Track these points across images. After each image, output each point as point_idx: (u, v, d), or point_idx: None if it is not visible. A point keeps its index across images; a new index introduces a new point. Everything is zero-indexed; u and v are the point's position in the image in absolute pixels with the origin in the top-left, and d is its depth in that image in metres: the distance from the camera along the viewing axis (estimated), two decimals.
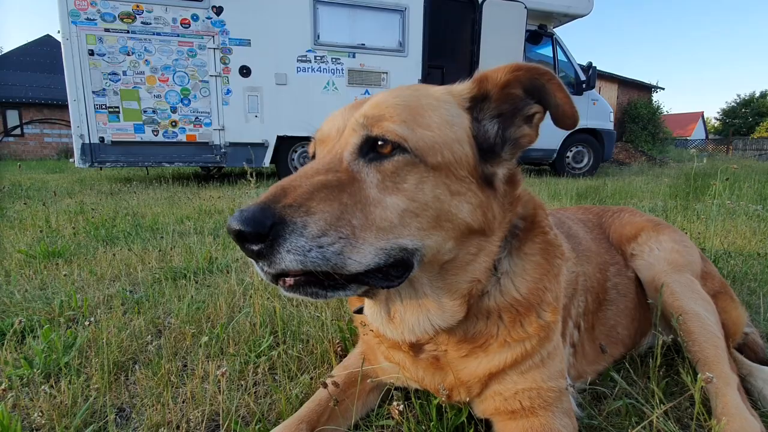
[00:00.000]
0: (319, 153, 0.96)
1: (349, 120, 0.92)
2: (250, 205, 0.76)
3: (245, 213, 0.74)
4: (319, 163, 0.88)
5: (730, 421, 1.13)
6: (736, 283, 2.22)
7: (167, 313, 2.00)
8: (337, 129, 0.93)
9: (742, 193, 5.34)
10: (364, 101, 0.97)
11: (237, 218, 0.74)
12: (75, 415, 1.23)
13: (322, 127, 0.99)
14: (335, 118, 0.97)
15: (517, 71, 0.94)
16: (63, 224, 3.85)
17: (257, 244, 0.75)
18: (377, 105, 0.90)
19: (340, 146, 0.90)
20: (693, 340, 1.28)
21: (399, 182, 0.85)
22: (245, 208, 0.75)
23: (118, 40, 6.98)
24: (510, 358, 1.01)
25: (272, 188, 0.81)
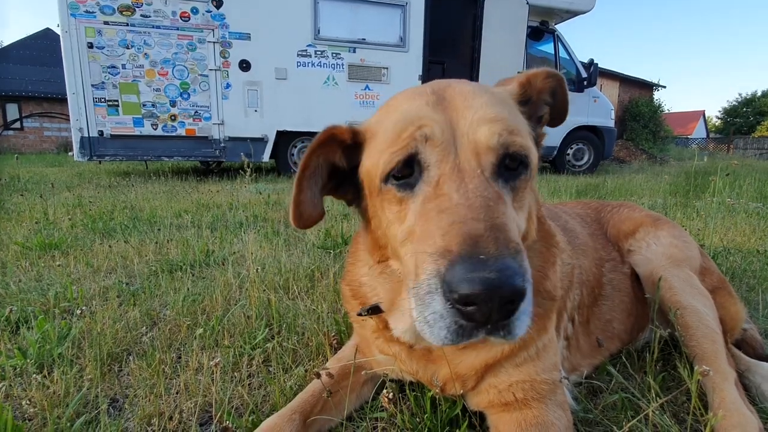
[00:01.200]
0: (434, 161, 0.79)
1: (459, 126, 0.81)
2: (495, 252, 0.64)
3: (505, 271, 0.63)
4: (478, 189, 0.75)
5: (726, 416, 1.12)
6: (735, 280, 2.21)
7: (163, 305, 1.99)
8: (442, 131, 0.80)
9: (743, 191, 5.33)
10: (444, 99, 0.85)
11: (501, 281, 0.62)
12: (67, 405, 1.22)
13: (429, 125, 0.80)
14: (434, 118, 0.81)
15: (551, 78, 0.99)
16: (61, 217, 3.83)
17: (517, 304, 0.65)
18: (500, 118, 0.81)
19: (473, 163, 0.78)
20: (690, 334, 1.27)
21: (521, 199, 0.85)
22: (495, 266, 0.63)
23: (117, 33, 6.95)
24: (508, 348, 1.01)
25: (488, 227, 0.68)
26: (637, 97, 23.05)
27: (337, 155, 0.98)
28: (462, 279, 0.63)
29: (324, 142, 0.95)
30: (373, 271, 1.04)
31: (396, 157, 0.81)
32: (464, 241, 0.67)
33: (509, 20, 8.68)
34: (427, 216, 0.76)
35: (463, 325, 0.67)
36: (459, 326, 0.67)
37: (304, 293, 2.06)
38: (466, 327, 0.67)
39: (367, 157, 0.92)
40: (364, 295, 1.13)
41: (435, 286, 0.68)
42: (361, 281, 1.14)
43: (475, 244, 0.66)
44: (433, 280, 0.68)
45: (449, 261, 0.66)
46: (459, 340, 0.69)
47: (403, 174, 0.82)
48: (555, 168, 10.22)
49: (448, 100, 0.85)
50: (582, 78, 9.71)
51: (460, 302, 0.64)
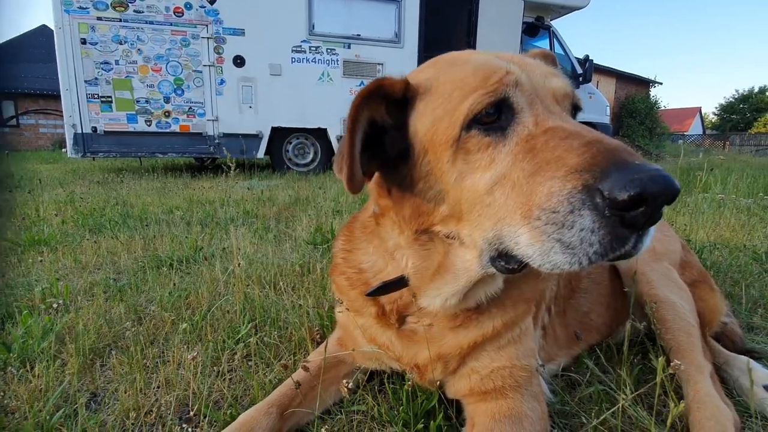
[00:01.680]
0: (523, 101, 0.81)
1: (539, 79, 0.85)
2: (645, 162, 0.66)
3: (661, 171, 0.64)
4: (571, 123, 0.80)
5: (700, 408, 1.13)
6: (720, 274, 2.23)
7: (149, 301, 1.99)
8: (532, 82, 0.83)
9: (736, 187, 5.35)
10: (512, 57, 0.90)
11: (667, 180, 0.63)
12: (48, 399, 1.23)
13: (514, 71, 0.82)
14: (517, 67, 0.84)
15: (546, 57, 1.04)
16: (51, 213, 3.82)
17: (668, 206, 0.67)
18: (557, 73, 0.91)
19: (555, 107, 0.83)
20: (666, 328, 1.28)
21: None
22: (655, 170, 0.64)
23: (110, 28, 6.90)
24: (500, 323, 1.02)
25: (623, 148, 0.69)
26: (634, 93, 23.06)
27: (383, 111, 0.92)
28: (629, 180, 0.62)
29: (372, 93, 0.88)
30: (401, 246, 0.98)
31: (487, 99, 0.79)
32: (611, 153, 0.67)
33: (504, 16, 8.66)
34: (542, 148, 0.74)
35: (619, 233, 0.65)
36: (614, 236, 0.65)
37: (290, 288, 2.07)
38: (621, 236, 0.65)
39: (426, 112, 0.87)
40: (366, 281, 1.10)
41: (582, 201, 0.65)
42: (362, 267, 1.11)
43: (622, 153, 0.66)
44: (578, 196, 0.66)
45: (601, 171, 0.65)
46: (609, 253, 0.67)
47: (490, 119, 0.80)
48: None
49: (504, 56, 0.89)
50: (577, 74, 9.71)
51: (627, 205, 0.63)
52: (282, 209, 4.25)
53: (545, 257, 0.70)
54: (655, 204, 0.63)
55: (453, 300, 0.98)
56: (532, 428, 0.99)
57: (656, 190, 0.62)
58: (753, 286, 2.07)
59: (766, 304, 1.83)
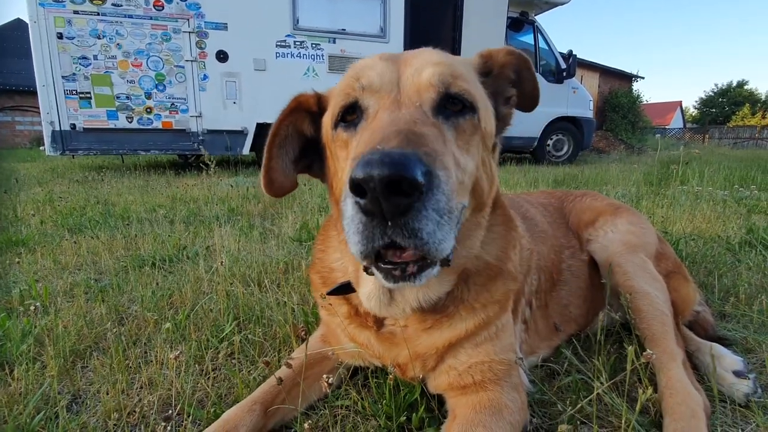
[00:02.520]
0: (374, 103, 0.85)
1: (404, 73, 0.87)
2: (386, 147, 0.63)
3: (395, 156, 0.60)
4: (410, 114, 0.78)
5: (672, 393, 1.18)
6: (695, 265, 2.29)
7: (131, 301, 1.97)
8: (390, 81, 0.86)
9: (713, 179, 5.49)
10: (399, 56, 0.94)
11: (384, 161, 0.59)
12: (27, 402, 1.21)
13: (367, 75, 0.87)
14: (381, 69, 0.88)
15: (512, 55, 1.04)
16: (29, 213, 3.73)
17: (409, 197, 0.62)
18: (443, 63, 0.88)
19: (413, 99, 0.83)
20: (641, 318, 1.33)
21: (467, 143, 0.87)
22: (387, 151, 0.61)
23: (87, 22, 6.72)
24: (472, 325, 1.04)
25: (394, 131, 0.69)
26: (617, 88, 23.41)
27: (306, 123, 1.02)
28: (356, 166, 0.62)
29: (292, 110, 0.99)
30: (342, 244, 1.01)
31: (340, 102, 0.89)
32: (372, 141, 0.69)
33: (489, 11, 8.69)
34: (360, 141, 0.80)
35: (365, 222, 0.65)
36: (363, 225, 0.66)
37: (275, 286, 2.06)
38: (368, 225, 0.65)
39: (326, 115, 0.98)
40: (335, 280, 1.13)
41: (346, 189, 0.67)
42: (333, 267, 1.16)
43: (383, 141, 0.67)
44: (345, 184, 0.67)
45: (356, 160, 0.64)
46: (369, 244, 0.66)
47: (348, 119, 0.89)
48: (535, 158, 10.35)
49: (402, 57, 0.93)
50: (561, 69, 9.81)
51: (355, 192, 0.63)
52: (267, 206, 4.22)
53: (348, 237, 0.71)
54: (370, 188, 0.60)
55: (374, 300, 0.99)
56: (512, 418, 1.02)
57: (364, 174, 0.60)
58: (726, 276, 2.15)
59: (737, 293, 1.89)
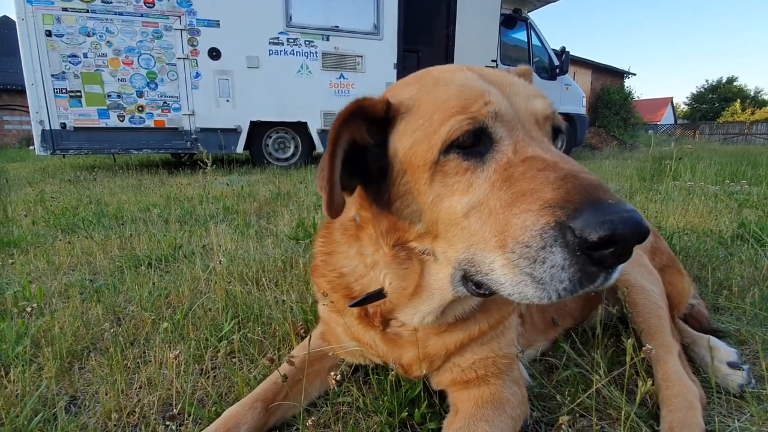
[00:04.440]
0: (505, 135, 0.81)
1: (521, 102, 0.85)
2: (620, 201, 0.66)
3: (637, 214, 0.64)
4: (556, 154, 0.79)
5: (669, 385, 1.19)
6: (689, 259, 2.33)
7: (128, 301, 1.96)
8: (509, 106, 0.82)
9: (705, 174, 5.56)
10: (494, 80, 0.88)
11: (638, 220, 0.63)
12: (25, 404, 1.20)
13: (496, 101, 0.81)
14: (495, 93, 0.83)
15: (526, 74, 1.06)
16: (20, 214, 3.68)
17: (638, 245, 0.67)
18: (541, 94, 0.90)
19: (537, 132, 0.83)
20: (638, 311, 1.34)
21: None
22: (625, 207, 0.64)
23: (77, 20, 6.62)
24: (486, 325, 1.05)
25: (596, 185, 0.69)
26: (609, 84, 23.57)
27: (363, 131, 0.91)
28: (601, 221, 0.62)
29: (352, 114, 0.87)
30: (378, 259, 0.99)
31: (465, 126, 0.78)
32: (585, 189, 0.67)
33: (483, 8, 8.70)
34: (519, 178, 0.74)
35: (589, 272, 0.66)
36: (583, 274, 0.67)
37: (273, 284, 2.06)
38: (591, 273, 0.67)
39: (406, 132, 0.86)
40: (347, 285, 1.10)
41: (554, 238, 0.66)
42: (343, 272, 1.11)
43: (596, 191, 0.66)
44: (550, 232, 0.66)
45: (574, 209, 0.65)
46: (577, 290, 0.68)
47: (468, 144, 0.80)
48: None
49: (491, 77, 0.88)
50: (554, 66, 9.87)
51: (597, 246, 0.63)
52: (263, 204, 4.20)
53: (516, 288, 0.72)
54: (625, 246, 0.64)
55: (430, 318, 1.00)
56: (513, 412, 1.03)
57: (626, 232, 0.62)
58: (719, 269, 2.18)
59: (731, 286, 1.92)
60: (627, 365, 0.95)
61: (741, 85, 48.96)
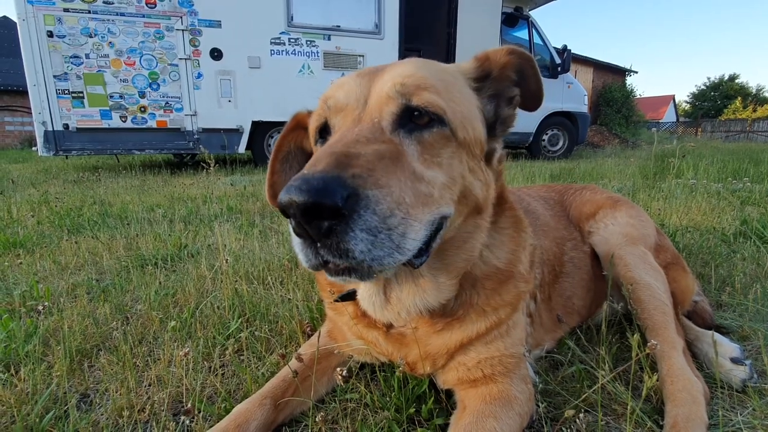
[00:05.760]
0: (339, 122, 0.86)
1: (373, 88, 0.86)
2: (311, 172, 0.64)
3: (313, 181, 0.62)
4: (359, 131, 0.78)
5: (673, 381, 1.20)
6: (692, 256, 2.33)
7: (135, 300, 1.97)
8: (356, 98, 0.86)
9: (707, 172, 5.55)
10: (376, 70, 0.92)
11: (302, 187, 0.61)
12: (36, 402, 1.21)
13: (335, 95, 0.88)
14: (350, 86, 0.89)
15: (512, 54, 1.00)
16: (25, 214, 3.70)
17: (329, 220, 0.63)
18: (410, 74, 0.85)
19: (374, 115, 0.83)
20: (642, 308, 1.35)
21: (436, 156, 0.84)
22: (308, 176, 0.63)
23: (78, 20, 6.64)
24: (483, 327, 1.05)
25: (328, 153, 0.69)
26: (611, 82, 23.53)
27: (306, 140, 1.05)
28: (282, 192, 0.64)
29: (293, 127, 1.03)
30: None
31: (315, 122, 0.95)
32: (308, 165, 0.69)
33: (484, 6, 8.69)
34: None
35: (299, 243, 0.70)
36: (300, 245, 0.70)
37: (278, 283, 2.07)
38: (303, 245, 0.69)
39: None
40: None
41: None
42: None
43: (311, 165, 0.68)
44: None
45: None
46: (311, 260, 0.70)
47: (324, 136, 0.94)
48: (531, 153, 10.40)
49: (381, 69, 0.93)
50: (556, 64, 9.84)
51: (285, 216, 0.67)
52: (266, 204, 4.22)
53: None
54: (295, 217, 0.64)
55: (368, 302, 1.03)
56: (521, 409, 1.04)
57: (283, 202, 0.63)
58: (722, 267, 2.18)
59: (733, 282, 1.93)
60: (633, 361, 0.96)
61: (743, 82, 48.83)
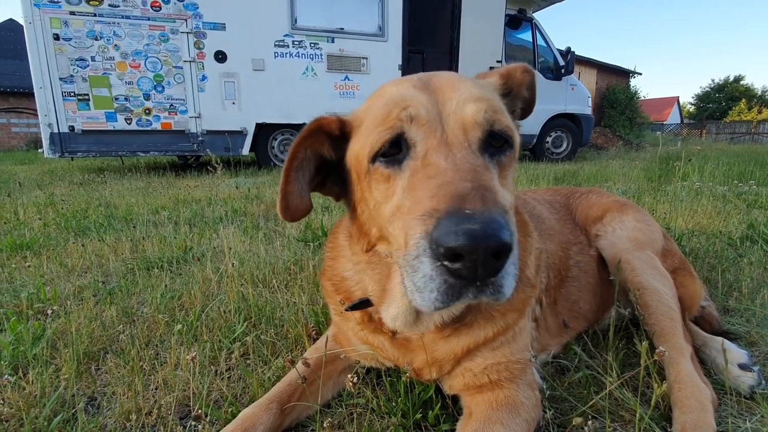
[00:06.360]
0: (420, 138, 0.82)
1: (445, 107, 0.84)
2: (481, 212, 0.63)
3: (493, 224, 0.62)
4: (464, 157, 0.78)
5: (681, 387, 1.20)
6: (698, 261, 2.32)
7: (140, 303, 1.98)
8: (435, 115, 0.83)
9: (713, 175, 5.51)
10: (429, 82, 0.90)
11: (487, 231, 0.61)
12: (44, 405, 1.22)
13: (415, 106, 0.83)
14: (419, 100, 0.85)
15: (527, 72, 1.04)
16: (32, 216, 3.73)
17: (503, 260, 0.65)
18: (482, 98, 0.86)
19: (459, 137, 0.81)
20: (650, 313, 1.34)
21: (506, 177, 0.87)
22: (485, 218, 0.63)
23: (84, 23, 6.70)
24: (491, 332, 1.05)
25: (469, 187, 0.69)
26: (614, 84, 23.44)
27: (325, 147, 0.99)
28: (448, 232, 0.63)
29: (311, 133, 0.96)
30: (360, 262, 1.04)
31: (384, 137, 0.83)
32: (451, 198, 0.67)
33: (487, 8, 8.70)
34: (416, 185, 0.77)
35: (452, 283, 0.66)
36: (448, 286, 0.67)
37: (283, 286, 2.08)
38: (455, 285, 0.67)
39: (355, 142, 0.93)
40: (348, 289, 1.14)
41: (423, 247, 0.67)
42: (344, 276, 1.15)
43: (462, 200, 0.66)
44: (421, 242, 0.68)
45: (437, 219, 0.66)
46: (449, 302, 0.68)
47: (391, 153, 0.84)
48: (534, 156, 10.38)
49: (434, 84, 0.90)
50: (560, 66, 9.83)
51: (447, 257, 0.64)
52: (270, 207, 4.23)
53: (410, 294, 0.74)
54: (472, 260, 0.62)
55: (399, 321, 1.00)
56: (527, 415, 1.04)
57: (469, 246, 0.61)
58: (728, 271, 2.17)
59: (740, 287, 1.91)
60: (641, 367, 0.95)
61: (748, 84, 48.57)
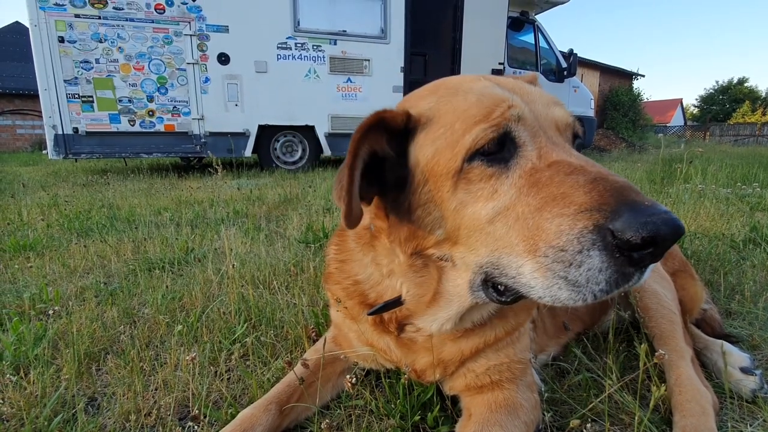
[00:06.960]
0: (528, 139, 0.82)
1: (538, 109, 0.86)
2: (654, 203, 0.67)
3: (668, 214, 0.66)
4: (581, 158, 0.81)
5: (682, 391, 1.19)
6: (700, 263, 2.31)
7: (142, 304, 1.99)
8: (530, 111, 0.84)
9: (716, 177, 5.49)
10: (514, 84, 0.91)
11: (676, 221, 0.65)
12: (45, 405, 1.23)
13: (518, 104, 0.83)
14: (516, 99, 0.84)
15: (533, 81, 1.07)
16: (35, 217, 3.75)
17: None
18: (559, 101, 0.93)
19: (558, 138, 0.85)
20: (650, 316, 1.34)
21: None
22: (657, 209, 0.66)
23: (89, 26, 6.75)
24: (502, 332, 1.06)
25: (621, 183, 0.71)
26: (617, 86, 23.40)
27: (383, 142, 0.91)
28: (642, 222, 0.64)
29: (373, 126, 0.87)
30: (392, 266, 1.01)
31: (489, 134, 0.80)
32: (616, 191, 0.68)
33: (490, 11, 8.70)
34: (547, 182, 0.75)
35: (626, 272, 0.68)
36: (621, 275, 0.68)
37: (284, 287, 2.08)
38: (627, 274, 0.68)
39: (426, 142, 0.87)
40: (362, 292, 1.11)
41: (592, 241, 0.67)
42: (358, 280, 1.12)
43: (628, 193, 0.68)
44: (589, 236, 0.67)
45: (611, 211, 0.66)
46: (612, 291, 0.69)
47: (492, 151, 0.81)
48: None
49: (510, 85, 0.89)
50: (562, 68, 9.83)
51: (638, 247, 0.65)
52: (272, 208, 4.24)
53: (548, 292, 0.73)
54: (665, 245, 0.66)
55: (448, 324, 1.01)
56: (527, 417, 1.04)
57: (668, 233, 0.64)
58: (731, 274, 2.16)
59: (743, 290, 1.90)
60: (641, 370, 0.95)
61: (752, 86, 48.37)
